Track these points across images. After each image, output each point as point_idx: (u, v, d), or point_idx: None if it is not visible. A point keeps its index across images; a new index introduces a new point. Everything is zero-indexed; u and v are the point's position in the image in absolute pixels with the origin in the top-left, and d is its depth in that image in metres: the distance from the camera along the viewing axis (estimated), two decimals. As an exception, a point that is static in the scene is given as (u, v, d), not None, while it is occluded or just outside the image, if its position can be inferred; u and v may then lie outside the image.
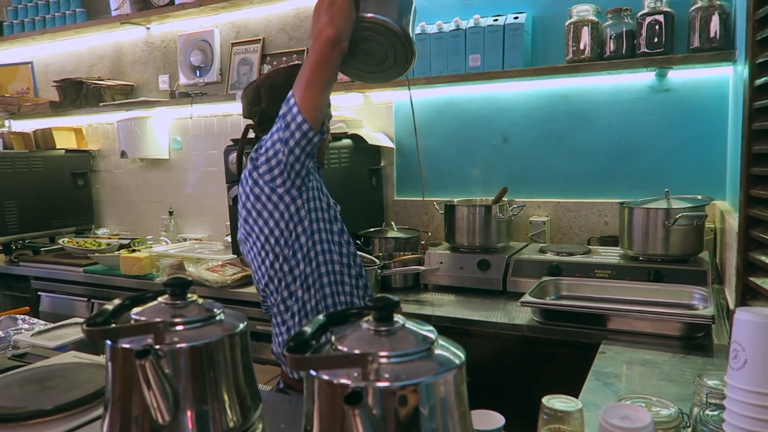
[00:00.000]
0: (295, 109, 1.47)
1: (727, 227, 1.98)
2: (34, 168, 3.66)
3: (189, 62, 3.53)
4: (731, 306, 1.79)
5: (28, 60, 4.31)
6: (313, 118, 1.47)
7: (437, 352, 0.74)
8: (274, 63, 3.29)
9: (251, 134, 1.79)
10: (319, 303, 1.63)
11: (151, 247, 3.23)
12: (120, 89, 3.79)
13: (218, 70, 3.48)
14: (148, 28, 3.71)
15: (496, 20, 2.58)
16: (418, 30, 2.73)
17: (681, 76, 2.45)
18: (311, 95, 1.47)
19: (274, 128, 1.54)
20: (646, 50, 2.30)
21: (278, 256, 1.59)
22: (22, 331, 1.80)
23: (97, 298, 3.08)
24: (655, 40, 2.28)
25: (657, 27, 2.27)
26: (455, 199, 2.65)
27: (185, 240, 3.51)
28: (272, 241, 1.58)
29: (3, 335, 1.76)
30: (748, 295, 1.51)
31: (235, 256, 2.71)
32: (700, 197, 2.28)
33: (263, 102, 1.68)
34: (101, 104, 3.68)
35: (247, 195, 1.59)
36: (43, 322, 1.90)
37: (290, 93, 1.50)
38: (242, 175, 1.65)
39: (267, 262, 1.61)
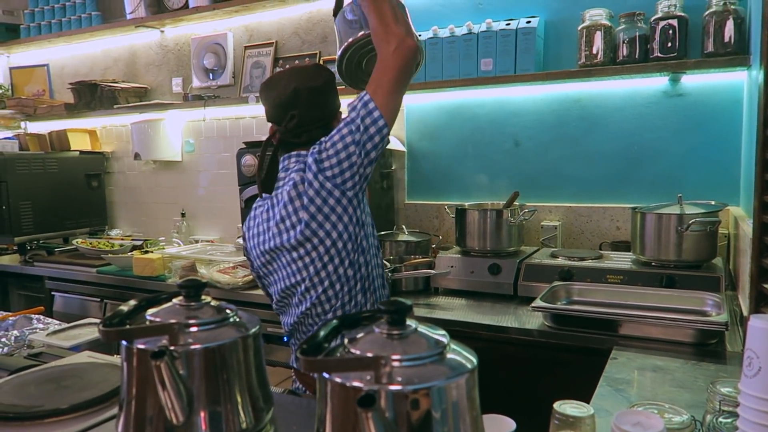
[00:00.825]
0: (377, 113, 1.50)
1: (741, 233, 1.96)
2: (49, 169, 3.70)
3: (202, 65, 3.56)
4: (745, 313, 1.77)
5: (44, 62, 4.37)
6: (392, 122, 1.54)
7: (449, 356, 0.74)
8: (287, 66, 3.30)
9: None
10: (372, 305, 1.65)
11: (163, 249, 3.25)
12: (134, 92, 3.83)
13: (231, 73, 3.50)
14: (162, 32, 3.74)
15: (508, 24, 2.58)
16: (430, 34, 2.74)
17: (695, 80, 2.44)
18: (394, 100, 1.53)
19: (343, 131, 1.54)
20: (659, 55, 2.30)
21: (344, 260, 1.58)
22: (37, 330, 1.82)
23: (110, 299, 3.11)
24: (669, 44, 2.27)
25: (670, 31, 2.26)
26: (466, 203, 2.65)
27: (197, 241, 3.54)
28: (340, 245, 1.57)
29: (18, 335, 1.78)
30: (762, 302, 1.50)
31: (247, 258, 2.72)
32: (713, 203, 2.27)
33: (300, 105, 1.62)
34: (115, 106, 3.72)
35: (311, 199, 1.55)
36: (57, 322, 1.92)
37: (365, 96, 1.52)
38: (294, 179, 1.60)
39: (330, 267, 1.58)
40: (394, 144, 2.95)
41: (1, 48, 4.32)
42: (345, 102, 1.74)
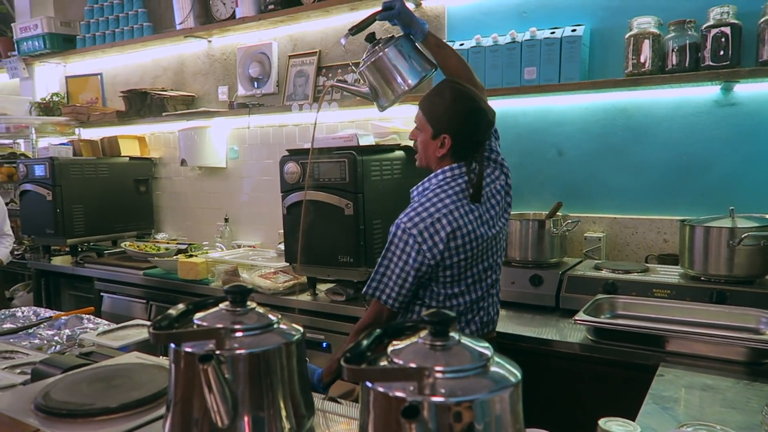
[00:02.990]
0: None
1: (797, 249, 1.89)
2: (101, 174, 3.84)
3: (247, 74, 3.64)
4: (801, 332, 1.70)
5: (98, 71, 4.54)
6: None
7: (493, 369, 0.74)
8: (330, 75, 3.35)
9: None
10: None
11: (207, 253, 3.33)
12: (182, 99, 3.94)
13: (275, 82, 3.57)
14: (209, 41, 3.85)
15: (552, 33, 2.55)
16: (473, 43, 2.73)
17: (748, 89, 2.36)
18: None
19: (495, 144, 1.85)
20: (711, 63, 2.23)
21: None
22: (88, 330, 1.89)
23: (155, 301, 3.19)
24: (721, 52, 2.20)
25: (723, 39, 2.20)
26: (508, 213, 2.62)
27: (239, 246, 3.60)
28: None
29: (70, 334, 1.85)
30: (820, 321, 1.43)
31: (288, 264, 2.75)
32: (767, 216, 2.18)
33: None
34: (164, 114, 3.83)
35: (507, 200, 1.85)
36: (106, 323, 1.99)
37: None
38: (502, 182, 1.83)
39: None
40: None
41: (58, 57, 4.51)
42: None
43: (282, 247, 2.93)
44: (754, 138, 2.37)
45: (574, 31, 2.51)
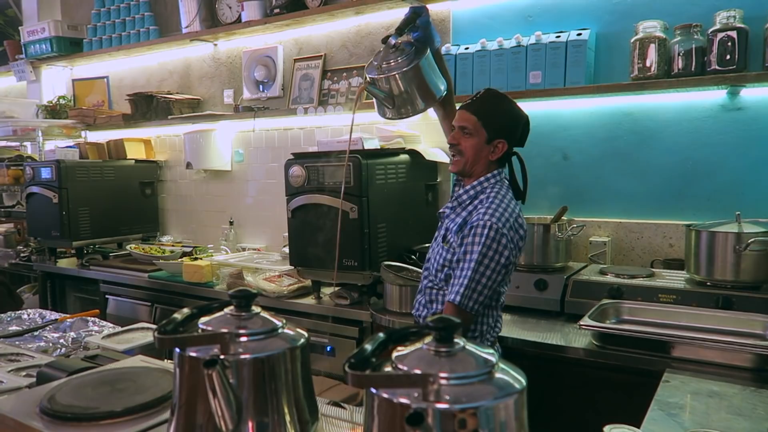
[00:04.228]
0: None
1: (804, 254, 1.87)
2: (107, 177, 3.86)
3: (253, 77, 3.65)
4: (808, 338, 1.68)
5: (104, 74, 4.57)
6: None
7: (498, 375, 0.73)
8: (335, 78, 3.35)
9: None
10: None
11: (211, 256, 3.33)
12: (187, 103, 3.96)
13: (280, 85, 3.57)
14: (215, 45, 3.86)
15: (558, 37, 2.55)
16: (478, 47, 2.73)
17: (755, 94, 2.35)
18: None
19: None
20: (717, 67, 2.22)
21: None
22: (93, 333, 1.89)
23: (160, 303, 3.20)
24: (728, 57, 2.20)
25: (729, 44, 2.19)
26: (512, 217, 2.62)
27: (244, 249, 3.61)
28: None
29: (75, 336, 1.85)
30: (828, 327, 1.42)
31: (292, 267, 2.75)
32: (774, 221, 2.17)
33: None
34: (169, 117, 3.84)
35: None
36: (111, 325, 1.99)
37: None
38: None
39: None
40: (440, 156, 2.94)
41: (65, 61, 4.54)
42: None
43: (287, 250, 2.93)
44: (761, 143, 2.36)
45: (579, 35, 2.51)
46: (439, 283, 1.82)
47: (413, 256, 2.61)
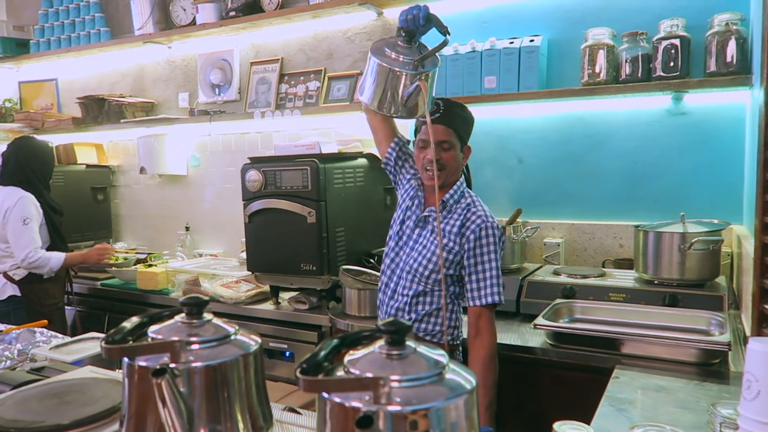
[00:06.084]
0: None
1: (744, 252, 1.96)
2: (56, 182, 3.72)
3: (209, 81, 3.59)
4: (748, 332, 1.76)
5: (53, 77, 4.42)
6: None
7: (448, 376, 0.74)
8: (292, 82, 3.34)
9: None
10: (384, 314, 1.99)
11: (167, 263, 3.26)
12: (141, 106, 3.87)
13: (237, 89, 3.53)
14: (169, 47, 3.79)
15: (511, 43, 2.60)
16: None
17: (697, 100, 2.45)
18: None
19: None
20: (662, 74, 2.31)
21: None
22: (40, 344, 1.82)
23: (114, 312, 3.11)
24: (671, 64, 2.29)
25: (673, 51, 2.28)
26: (469, 220, 2.65)
27: (201, 255, 3.55)
28: None
29: (22, 348, 1.79)
30: (764, 322, 1.50)
31: (250, 273, 2.72)
32: (716, 222, 2.27)
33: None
34: (122, 121, 3.75)
35: None
36: (60, 336, 1.93)
37: None
38: None
39: None
40: (398, 160, 2.96)
41: (10, 62, 4.37)
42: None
43: (244, 255, 2.90)
44: (704, 146, 2.46)
45: (532, 41, 2.57)
46: (430, 285, 1.82)
47: (372, 260, 2.62)
